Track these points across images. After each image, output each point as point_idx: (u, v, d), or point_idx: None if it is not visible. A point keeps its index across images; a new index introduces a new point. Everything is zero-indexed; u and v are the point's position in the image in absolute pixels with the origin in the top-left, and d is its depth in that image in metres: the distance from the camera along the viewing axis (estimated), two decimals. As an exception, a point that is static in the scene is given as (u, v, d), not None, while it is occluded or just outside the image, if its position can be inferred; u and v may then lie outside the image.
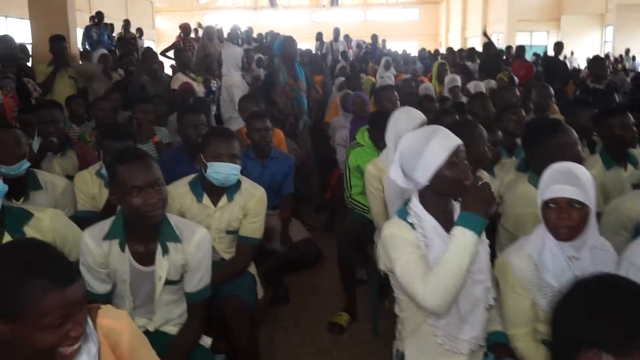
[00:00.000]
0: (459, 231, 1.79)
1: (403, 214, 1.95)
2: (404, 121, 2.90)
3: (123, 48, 9.57)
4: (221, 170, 2.62)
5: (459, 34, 30.72)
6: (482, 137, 2.68)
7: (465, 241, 1.76)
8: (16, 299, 1.18)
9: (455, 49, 25.28)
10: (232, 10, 32.31)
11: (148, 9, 25.02)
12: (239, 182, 2.75)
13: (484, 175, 2.94)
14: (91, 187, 2.93)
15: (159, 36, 28.04)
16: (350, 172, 3.63)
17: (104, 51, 7.17)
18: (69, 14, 6.56)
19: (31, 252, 1.26)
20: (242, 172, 2.76)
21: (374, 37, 12.97)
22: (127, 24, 10.95)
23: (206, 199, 2.72)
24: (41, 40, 6.29)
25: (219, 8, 33.19)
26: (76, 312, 1.25)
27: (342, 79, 7.60)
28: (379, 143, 3.44)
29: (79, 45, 8.24)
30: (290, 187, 3.90)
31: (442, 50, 18.17)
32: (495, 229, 2.77)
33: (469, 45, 26.68)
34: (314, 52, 11.60)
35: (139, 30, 12.65)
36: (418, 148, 1.87)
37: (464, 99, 5.88)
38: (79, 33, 8.03)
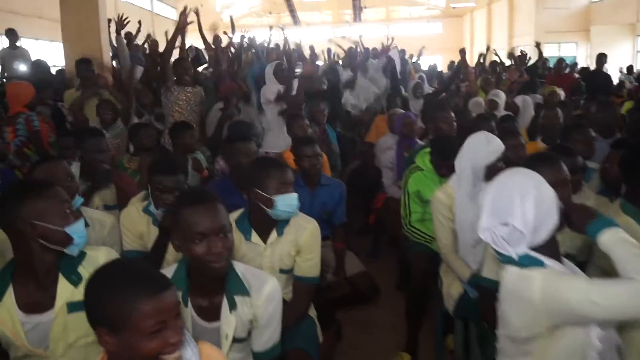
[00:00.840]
0: (611, 234, 1.63)
1: (533, 261, 1.66)
2: (485, 152, 2.68)
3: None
4: (292, 202, 2.40)
5: (484, 47, 30.34)
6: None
7: (623, 236, 1.63)
8: (116, 310, 1.28)
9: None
10: (255, 28, 32.51)
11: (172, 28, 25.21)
12: None
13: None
14: (138, 225, 2.66)
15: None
16: (409, 198, 3.39)
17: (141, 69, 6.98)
18: (101, 36, 6.45)
19: (124, 267, 1.38)
20: (292, 203, 2.52)
21: (403, 52, 12.63)
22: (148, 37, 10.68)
23: (255, 236, 2.46)
24: (73, 64, 6.17)
25: (243, 26, 33.36)
26: (172, 318, 1.32)
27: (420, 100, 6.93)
28: (441, 169, 3.21)
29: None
30: (342, 216, 3.59)
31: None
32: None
33: (493, 58, 26.47)
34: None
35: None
36: (540, 208, 1.66)
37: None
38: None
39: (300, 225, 2.52)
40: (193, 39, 9.68)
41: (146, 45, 8.27)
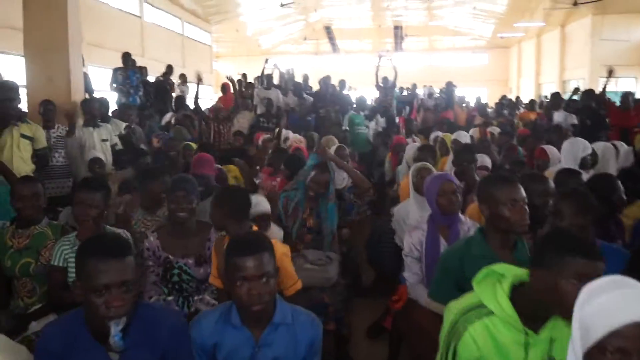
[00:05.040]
0: None
1: None
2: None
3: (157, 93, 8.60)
4: None
5: (533, 79, 28.76)
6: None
7: None
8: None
9: (529, 95, 23.57)
10: (294, 54, 31.81)
11: (206, 53, 24.55)
12: None
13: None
14: None
15: (218, 81, 27.68)
16: None
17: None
18: (70, 53, 5.31)
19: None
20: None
21: (449, 84, 11.16)
22: (168, 69, 9.99)
23: None
24: (37, 82, 5.08)
25: (282, 52, 32.77)
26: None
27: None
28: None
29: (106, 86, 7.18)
30: None
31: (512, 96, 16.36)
32: None
33: (543, 91, 24.75)
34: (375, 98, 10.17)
35: (182, 77, 11.69)
36: None
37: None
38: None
39: None
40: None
41: None
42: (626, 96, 8.45)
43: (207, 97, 19.73)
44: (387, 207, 5.22)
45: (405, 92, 12.88)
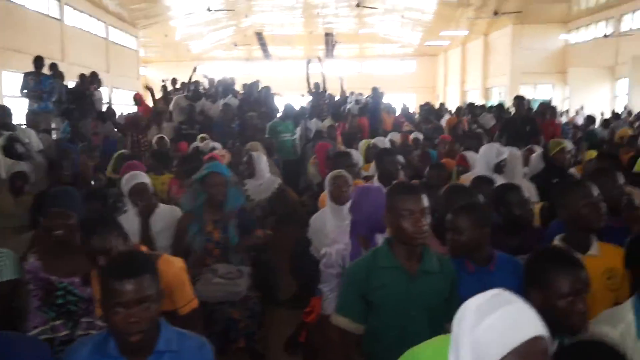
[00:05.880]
0: None
1: None
2: None
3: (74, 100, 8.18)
4: None
5: (458, 87, 29.73)
6: None
7: None
8: None
9: (456, 102, 24.27)
10: (225, 60, 31.39)
11: (133, 58, 23.76)
12: None
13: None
14: None
15: (148, 87, 26.82)
16: None
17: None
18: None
19: None
20: None
21: (375, 90, 11.21)
22: (82, 76, 9.53)
23: None
24: None
25: (212, 58, 32.26)
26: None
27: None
28: None
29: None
30: None
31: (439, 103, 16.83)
32: None
33: (468, 98, 25.55)
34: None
35: (96, 81, 10.78)
36: None
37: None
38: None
39: None
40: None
41: None
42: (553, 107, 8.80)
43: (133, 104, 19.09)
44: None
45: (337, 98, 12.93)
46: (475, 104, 12.46)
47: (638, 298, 1.88)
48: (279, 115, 8.65)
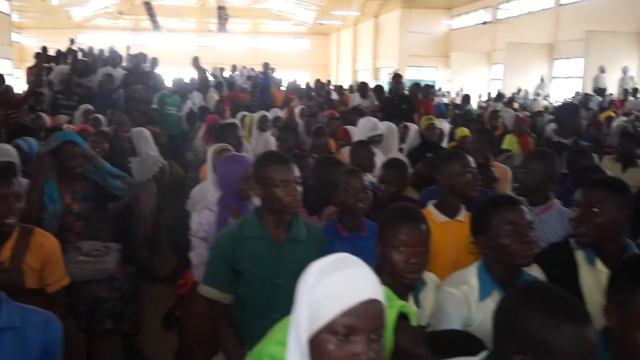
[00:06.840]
0: None
1: None
2: None
3: None
4: None
5: (350, 66, 30.38)
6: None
7: None
8: None
9: (347, 80, 24.81)
10: (110, 30, 29.58)
11: (4, 22, 21.70)
12: None
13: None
14: None
15: (21, 54, 24.70)
16: None
17: None
18: None
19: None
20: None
21: (266, 66, 11.17)
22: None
23: None
24: None
25: (95, 27, 30.33)
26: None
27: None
28: None
29: None
30: None
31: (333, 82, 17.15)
32: None
33: (359, 77, 26.25)
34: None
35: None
36: None
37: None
38: None
39: None
40: None
41: None
42: (427, 87, 9.25)
43: (5, 72, 17.48)
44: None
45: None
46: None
47: (482, 263, 2.04)
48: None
